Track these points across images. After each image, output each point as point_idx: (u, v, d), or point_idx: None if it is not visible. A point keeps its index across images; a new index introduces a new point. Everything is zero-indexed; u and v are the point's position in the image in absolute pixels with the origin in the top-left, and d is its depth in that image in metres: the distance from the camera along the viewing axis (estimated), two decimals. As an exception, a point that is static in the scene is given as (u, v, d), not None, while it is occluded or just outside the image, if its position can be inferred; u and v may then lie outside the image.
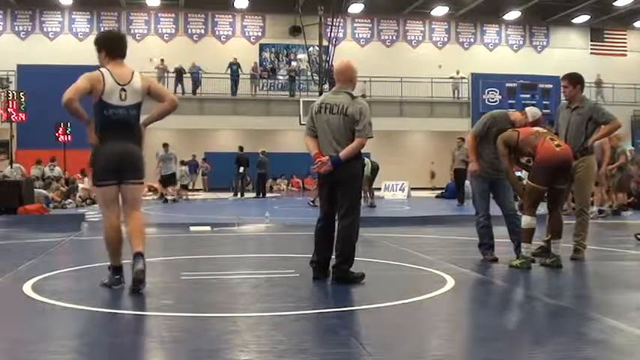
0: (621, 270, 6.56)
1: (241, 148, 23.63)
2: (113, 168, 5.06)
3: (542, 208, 6.62)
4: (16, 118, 18.40)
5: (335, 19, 24.47)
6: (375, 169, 16.88)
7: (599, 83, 30.86)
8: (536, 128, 6.53)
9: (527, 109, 7.06)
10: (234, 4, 30.35)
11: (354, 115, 5.41)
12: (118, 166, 5.05)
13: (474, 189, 7.01)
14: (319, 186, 5.87)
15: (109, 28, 30.27)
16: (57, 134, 21.21)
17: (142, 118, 5.22)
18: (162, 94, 5.31)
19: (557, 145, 6.23)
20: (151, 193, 21.74)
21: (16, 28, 29.76)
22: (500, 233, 6.85)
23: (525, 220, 6.32)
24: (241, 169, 23.13)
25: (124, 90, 5.03)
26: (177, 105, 5.27)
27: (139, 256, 4.93)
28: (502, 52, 33.64)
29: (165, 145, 20.12)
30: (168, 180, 19.99)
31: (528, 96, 29.09)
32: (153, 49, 29.81)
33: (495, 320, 4.44)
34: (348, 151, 5.40)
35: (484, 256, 6.77)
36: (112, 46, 5.17)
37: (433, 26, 33.40)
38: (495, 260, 6.65)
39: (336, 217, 5.58)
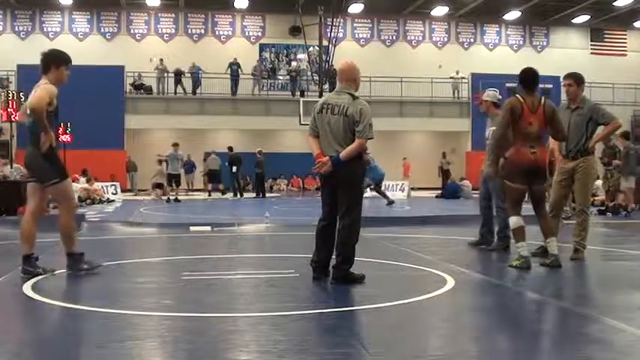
0: (621, 270, 6.55)
1: (230, 148, 23.70)
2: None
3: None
4: (16, 118, 18.35)
5: (335, 19, 24.48)
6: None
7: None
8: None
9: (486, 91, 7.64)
10: (234, 4, 30.32)
11: (354, 116, 5.40)
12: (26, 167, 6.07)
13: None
14: (320, 186, 5.88)
15: (110, 29, 30.36)
16: (57, 134, 21.16)
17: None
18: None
19: (533, 153, 6.20)
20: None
21: (16, 28, 29.74)
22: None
23: (512, 221, 6.34)
24: (234, 169, 23.11)
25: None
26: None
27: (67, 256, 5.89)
28: (502, 52, 33.60)
29: (175, 145, 20.30)
30: (171, 179, 20.04)
31: (528, 96, 29.05)
32: (153, 49, 29.80)
33: (495, 320, 4.44)
34: (348, 152, 5.39)
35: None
36: None
37: (433, 26, 33.38)
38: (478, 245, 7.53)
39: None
